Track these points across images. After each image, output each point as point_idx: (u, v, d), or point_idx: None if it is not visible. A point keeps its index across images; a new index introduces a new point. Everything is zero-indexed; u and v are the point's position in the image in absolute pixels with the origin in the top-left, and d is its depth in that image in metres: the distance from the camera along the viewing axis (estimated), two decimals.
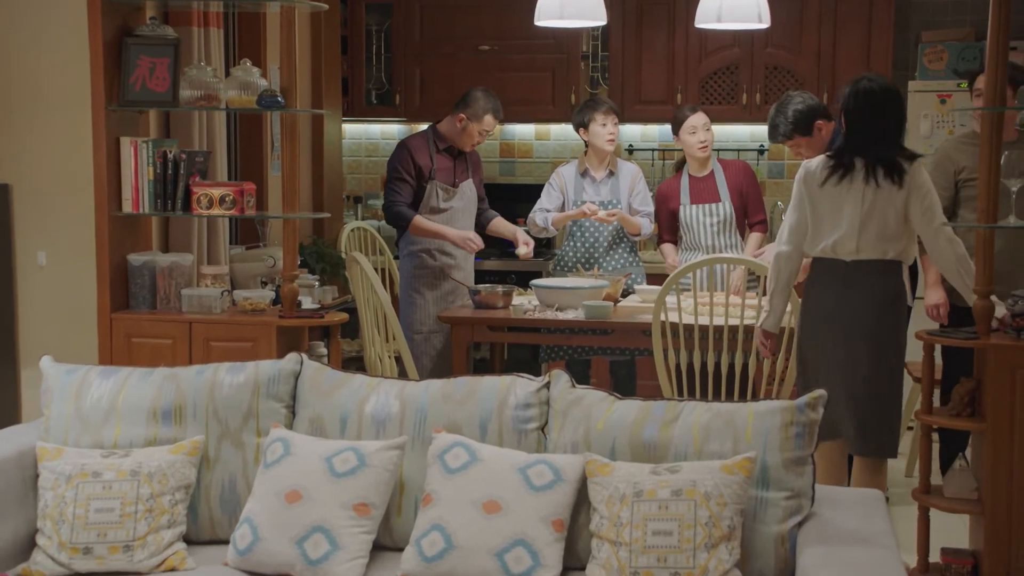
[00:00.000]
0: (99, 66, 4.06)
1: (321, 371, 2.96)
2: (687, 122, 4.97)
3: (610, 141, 5.07)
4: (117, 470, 2.78)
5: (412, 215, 4.94)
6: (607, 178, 5.17)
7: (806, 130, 4.48)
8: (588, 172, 5.18)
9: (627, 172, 5.22)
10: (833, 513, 2.64)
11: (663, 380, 4.27)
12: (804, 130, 4.48)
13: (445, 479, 2.66)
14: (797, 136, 4.49)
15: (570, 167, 5.25)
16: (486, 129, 4.98)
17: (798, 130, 4.48)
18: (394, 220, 5.01)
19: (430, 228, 4.96)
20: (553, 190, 5.19)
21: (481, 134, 4.99)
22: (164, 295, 4.19)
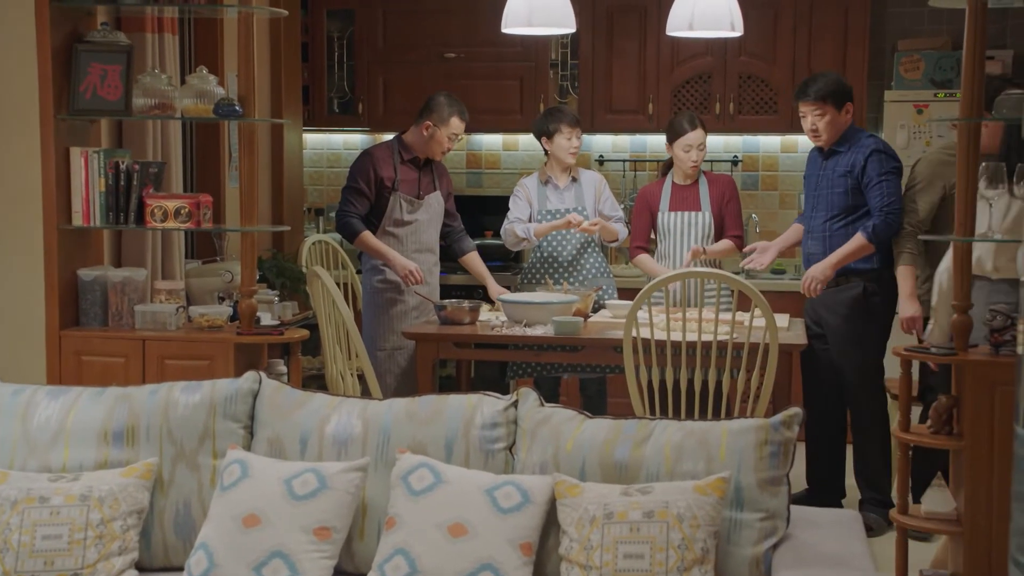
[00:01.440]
0: (47, 73, 4.03)
1: (280, 390, 2.95)
2: (683, 139, 5.00)
3: (573, 154, 5.12)
4: (65, 495, 2.75)
5: (361, 229, 4.94)
6: (571, 184, 5.21)
7: (839, 102, 4.58)
8: (551, 180, 5.21)
9: (589, 179, 5.27)
10: (809, 535, 2.65)
11: (635, 398, 4.28)
12: (838, 102, 4.58)
13: (409, 502, 2.65)
14: (829, 104, 4.57)
15: (531, 178, 5.28)
16: (454, 133, 4.98)
17: (833, 98, 4.57)
18: (342, 230, 5.01)
19: (376, 248, 4.95)
20: (520, 200, 5.21)
21: (450, 139, 5.00)
22: (116, 311, 4.15)
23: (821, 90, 4.57)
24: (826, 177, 4.67)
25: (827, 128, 4.60)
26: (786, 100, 6.21)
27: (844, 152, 4.63)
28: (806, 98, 4.61)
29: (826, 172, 4.68)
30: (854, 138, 4.65)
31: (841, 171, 4.62)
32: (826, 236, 4.66)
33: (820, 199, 4.70)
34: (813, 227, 4.73)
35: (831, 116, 4.58)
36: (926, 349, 3.74)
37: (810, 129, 4.64)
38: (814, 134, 4.66)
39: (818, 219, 4.70)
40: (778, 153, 6.57)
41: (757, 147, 6.60)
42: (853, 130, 4.67)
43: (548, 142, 5.15)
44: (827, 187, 4.66)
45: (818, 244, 4.69)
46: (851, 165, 4.59)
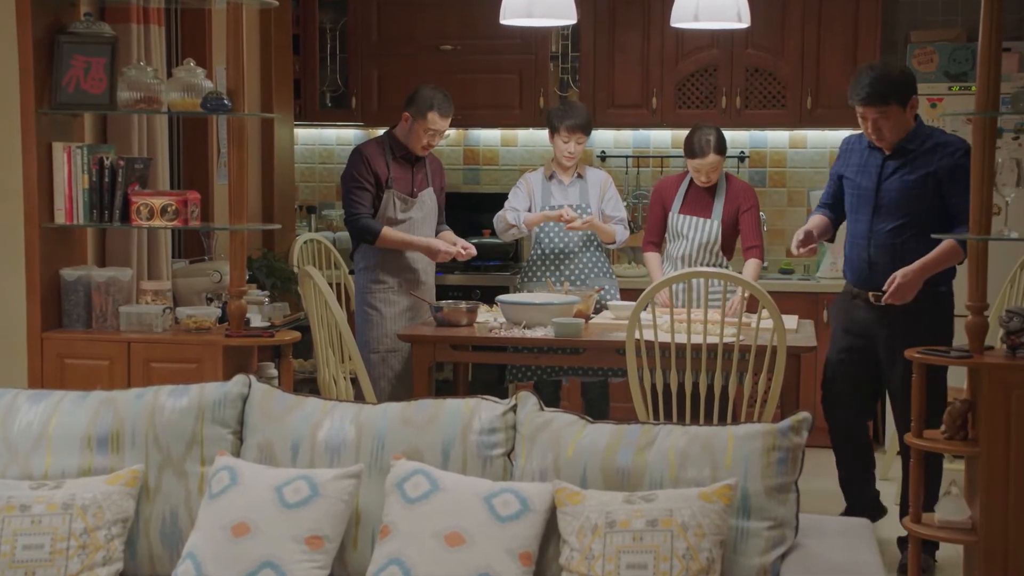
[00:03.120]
0: (29, 66, 4.03)
1: (271, 394, 2.95)
2: (692, 161, 4.99)
3: (568, 158, 5.14)
4: (47, 503, 2.75)
5: (380, 228, 4.93)
6: (575, 181, 5.21)
7: (905, 99, 4.16)
8: (555, 176, 5.22)
9: (596, 177, 5.28)
10: (818, 543, 2.65)
11: (637, 402, 4.28)
12: (903, 98, 4.15)
13: (404, 510, 2.65)
14: (893, 104, 4.13)
15: (537, 173, 5.31)
16: (431, 128, 4.94)
17: (897, 96, 4.13)
18: (360, 234, 4.98)
19: (402, 239, 4.95)
20: (521, 192, 5.23)
21: (427, 133, 4.97)
22: (100, 312, 4.15)
23: (883, 90, 4.11)
24: (895, 178, 4.22)
25: (893, 130, 4.17)
26: (795, 94, 6.22)
27: (916, 151, 4.20)
28: (865, 101, 4.14)
29: (893, 172, 4.23)
30: (923, 133, 4.23)
31: (919, 174, 4.19)
32: (896, 245, 4.22)
33: (887, 203, 4.24)
34: (872, 234, 4.28)
35: (896, 117, 4.15)
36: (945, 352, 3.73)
37: (873, 132, 4.20)
38: (876, 136, 4.21)
39: (882, 226, 4.25)
40: (786, 149, 6.57)
41: (765, 142, 6.60)
42: (920, 124, 4.25)
43: (550, 138, 5.17)
44: (896, 191, 4.21)
45: (885, 255, 4.24)
46: (932, 167, 4.17)
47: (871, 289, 4.25)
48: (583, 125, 5.12)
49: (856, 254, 4.34)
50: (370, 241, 4.96)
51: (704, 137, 4.95)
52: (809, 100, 6.19)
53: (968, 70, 5.93)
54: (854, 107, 4.18)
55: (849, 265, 4.39)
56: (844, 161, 4.43)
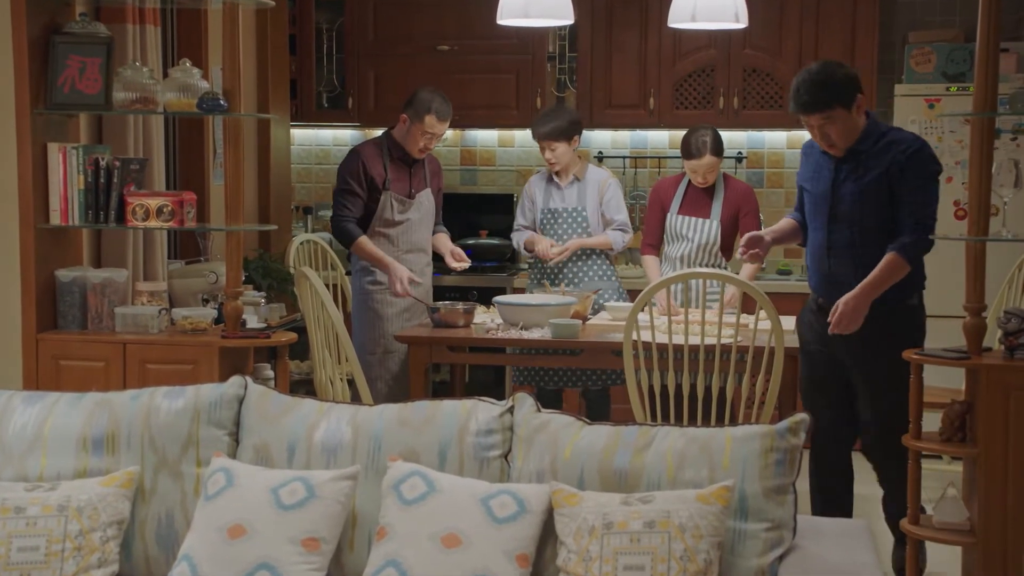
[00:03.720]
0: (24, 66, 4.03)
1: (267, 395, 2.95)
2: (688, 163, 4.99)
3: (550, 165, 5.14)
4: (42, 505, 2.74)
5: (357, 235, 4.93)
6: (573, 183, 5.21)
7: (849, 100, 3.87)
8: (553, 178, 5.22)
9: (595, 178, 5.26)
10: (816, 545, 2.65)
11: (635, 403, 4.29)
12: (847, 100, 3.87)
13: (401, 511, 2.65)
14: (837, 108, 3.86)
15: (540, 174, 5.33)
16: (428, 131, 4.94)
17: (841, 99, 3.86)
18: (339, 236, 5.02)
19: (372, 254, 4.95)
20: (526, 202, 5.28)
21: (424, 137, 4.97)
22: (96, 314, 4.15)
23: (824, 96, 3.85)
24: (848, 183, 3.95)
25: (842, 135, 3.90)
26: None
27: (869, 151, 3.93)
28: (807, 109, 3.88)
29: (846, 177, 3.96)
30: (876, 132, 3.95)
31: (873, 176, 3.90)
32: (856, 256, 3.94)
33: (842, 211, 3.97)
34: (830, 244, 4.01)
35: (843, 120, 3.88)
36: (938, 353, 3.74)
37: (820, 140, 3.96)
38: (825, 144, 3.96)
39: (840, 235, 3.97)
40: (784, 149, 6.58)
41: (762, 143, 6.61)
42: (872, 122, 3.97)
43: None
44: (850, 196, 3.94)
45: (846, 266, 3.97)
46: (885, 167, 3.89)
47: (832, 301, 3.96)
48: (552, 133, 5.08)
49: (817, 266, 4.09)
50: (345, 245, 4.98)
51: (700, 138, 4.94)
52: None
53: (966, 71, 5.93)
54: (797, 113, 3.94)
55: (812, 276, 4.17)
56: (802, 169, 4.18)
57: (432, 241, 5.22)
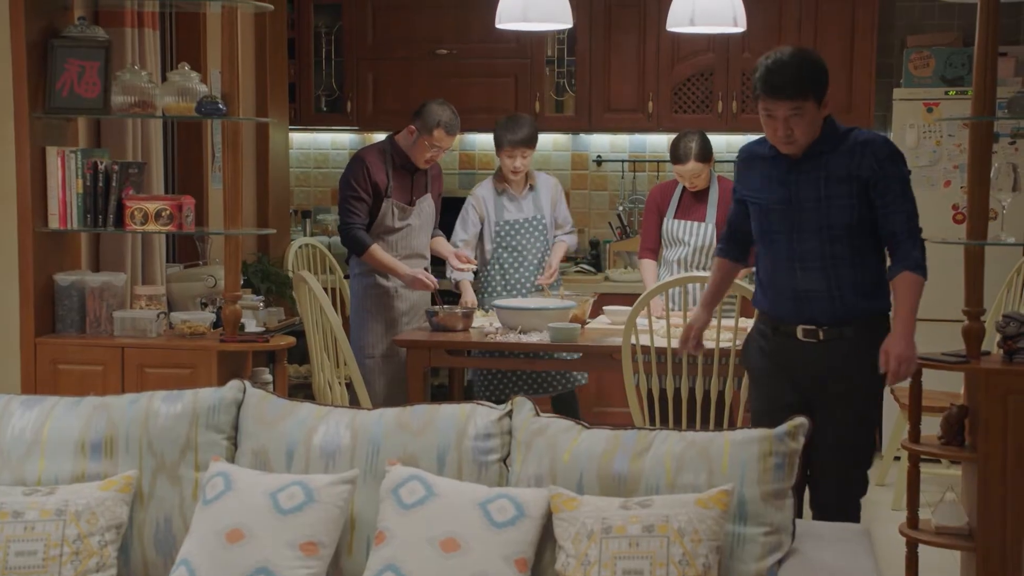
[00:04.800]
0: (22, 69, 4.03)
1: (265, 400, 2.94)
2: (677, 167, 4.99)
3: (514, 173, 5.16)
4: (40, 509, 2.74)
5: (369, 244, 4.93)
6: (528, 192, 5.27)
7: (822, 93, 3.45)
8: (507, 190, 5.23)
9: (546, 184, 5.33)
10: (815, 550, 2.65)
11: (634, 407, 4.29)
12: (820, 92, 3.44)
13: (399, 515, 2.65)
14: (810, 99, 3.42)
15: (485, 186, 5.29)
16: (436, 144, 4.95)
17: (815, 89, 3.42)
18: (350, 245, 4.99)
19: (384, 262, 4.95)
20: (472, 215, 5.25)
21: (431, 149, 4.97)
22: (94, 318, 4.15)
23: (804, 83, 3.41)
24: (808, 188, 3.50)
25: (806, 131, 3.45)
26: None
27: (830, 152, 3.50)
28: (783, 93, 3.41)
29: (807, 180, 3.51)
30: (835, 132, 3.52)
31: (838, 176, 3.48)
32: (828, 267, 3.50)
33: (805, 218, 3.50)
34: (798, 256, 3.52)
35: (811, 115, 3.43)
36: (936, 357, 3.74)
37: (783, 134, 3.45)
38: (786, 139, 3.47)
39: (808, 245, 3.51)
40: None
41: None
42: (830, 122, 3.53)
43: (497, 153, 5.22)
44: (816, 201, 3.49)
45: (817, 278, 3.51)
46: (852, 168, 3.47)
47: (803, 322, 3.53)
48: (527, 140, 5.12)
49: (781, 283, 3.56)
50: (357, 253, 4.97)
51: (687, 144, 4.95)
52: None
53: (964, 74, 5.94)
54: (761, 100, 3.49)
55: (770, 297, 3.61)
56: (744, 179, 3.68)
57: (434, 244, 5.23)
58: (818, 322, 3.50)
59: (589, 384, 6.18)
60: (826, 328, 3.49)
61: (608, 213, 6.75)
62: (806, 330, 3.51)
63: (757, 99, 3.49)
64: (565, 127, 6.60)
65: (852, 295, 3.47)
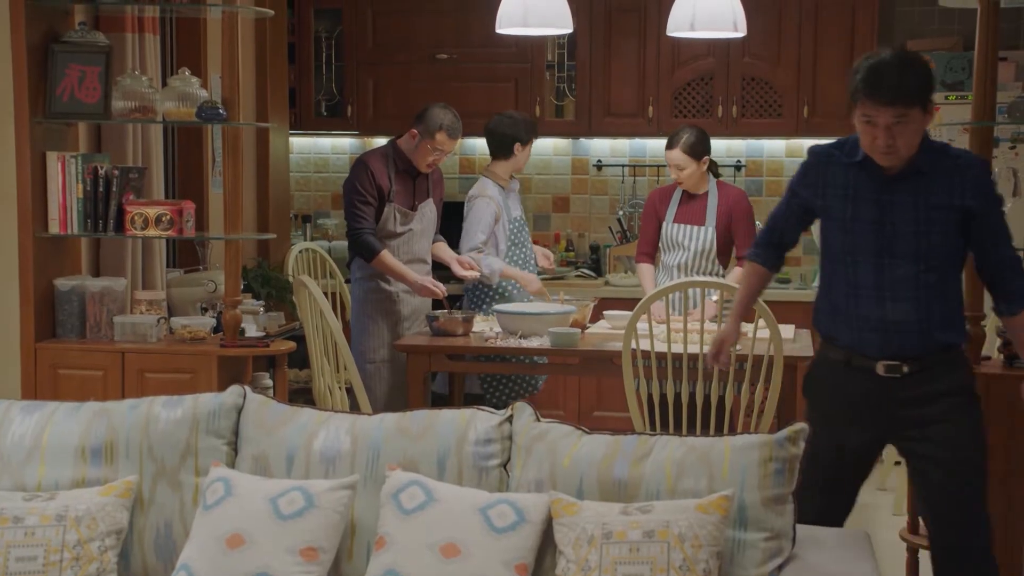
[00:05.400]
0: (23, 74, 4.04)
1: (266, 405, 2.95)
2: (666, 153, 4.99)
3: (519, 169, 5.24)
4: (40, 514, 2.74)
5: (379, 249, 4.92)
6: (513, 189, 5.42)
7: (928, 101, 3.10)
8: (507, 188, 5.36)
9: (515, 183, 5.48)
10: (816, 555, 2.65)
11: (634, 412, 4.29)
12: (927, 99, 3.09)
13: (400, 521, 2.65)
14: (916, 107, 3.05)
15: (492, 186, 5.28)
16: (439, 148, 4.95)
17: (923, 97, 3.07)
18: (360, 250, 4.98)
19: (394, 268, 4.94)
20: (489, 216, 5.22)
21: (433, 152, 4.98)
22: (94, 323, 4.15)
23: (912, 87, 3.04)
24: (906, 209, 3.14)
25: (909, 142, 3.08)
26: (791, 103, 6.23)
27: (931, 171, 3.14)
28: (890, 98, 3.03)
29: (904, 201, 3.14)
30: (932, 147, 3.18)
31: (938, 202, 3.12)
32: (920, 298, 3.15)
33: (900, 242, 3.14)
34: (888, 283, 3.16)
35: (916, 124, 3.07)
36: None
37: (884, 144, 3.06)
38: (887, 149, 3.07)
39: (901, 272, 3.14)
40: (783, 158, 6.59)
41: (761, 151, 6.61)
42: (927, 137, 3.18)
43: (522, 148, 5.26)
44: (913, 223, 3.13)
45: (906, 310, 3.15)
46: (955, 195, 3.12)
47: (887, 357, 3.18)
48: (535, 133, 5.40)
49: (864, 312, 3.20)
50: (367, 259, 4.96)
51: (681, 133, 4.95)
52: (806, 109, 6.21)
53: (964, 79, 5.95)
54: (860, 105, 3.07)
55: (847, 324, 3.24)
56: (814, 185, 3.29)
57: (435, 249, 5.23)
58: (905, 356, 3.16)
59: (589, 389, 6.20)
60: (912, 362, 3.16)
61: (608, 218, 6.75)
62: (889, 365, 3.17)
63: (855, 102, 3.08)
64: (565, 131, 6.60)
65: (939, 328, 3.17)
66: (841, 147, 3.26)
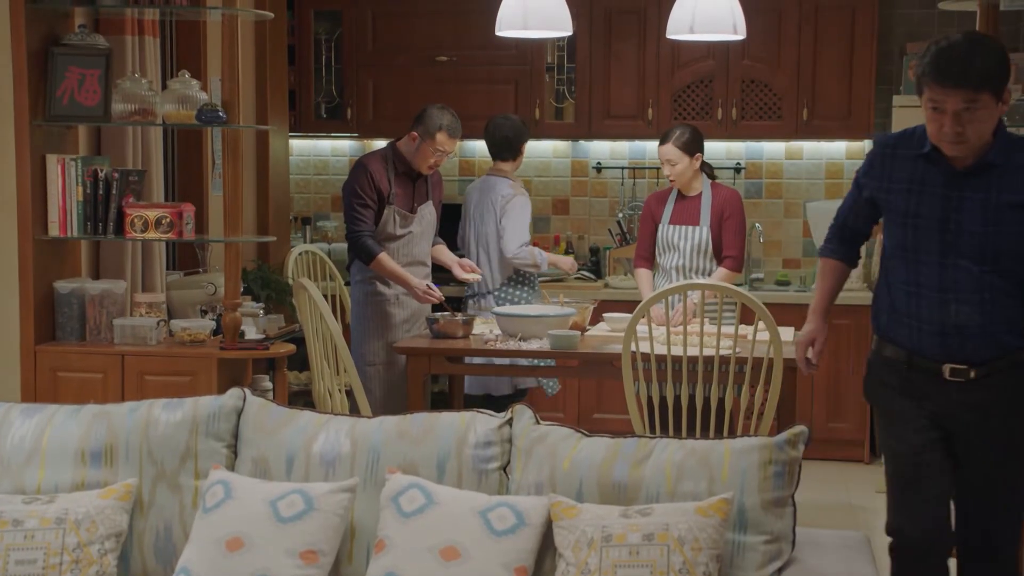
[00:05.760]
0: (23, 77, 4.04)
1: (266, 407, 2.95)
2: (659, 148, 4.99)
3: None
4: (40, 517, 2.74)
5: (378, 252, 4.92)
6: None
7: (1001, 85, 2.88)
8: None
9: None
10: (815, 558, 2.65)
11: (634, 415, 4.29)
12: (1000, 85, 2.88)
13: (399, 524, 2.65)
14: (987, 91, 2.85)
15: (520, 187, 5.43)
16: (439, 149, 4.95)
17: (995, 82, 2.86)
18: (359, 253, 4.98)
19: (393, 271, 4.95)
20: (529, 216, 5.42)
21: (435, 153, 4.98)
22: (94, 325, 4.15)
23: (984, 70, 2.84)
24: (974, 205, 2.94)
25: (979, 133, 2.88)
26: (790, 105, 6.23)
27: (1004, 164, 2.93)
28: (951, 82, 2.85)
29: (972, 198, 2.94)
30: (1007, 140, 2.98)
31: (1011, 200, 2.91)
32: (985, 301, 2.95)
33: (966, 242, 2.95)
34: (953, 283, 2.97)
35: (987, 111, 2.85)
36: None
37: (951, 132, 2.88)
38: (956, 137, 2.89)
39: (964, 273, 2.96)
40: (782, 160, 6.59)
41: (761, 154, 6.61)
42: (1002, 127, 2.98)
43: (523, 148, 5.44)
44: (982, 223, 2.93)
45: (974, 314, 2.96)
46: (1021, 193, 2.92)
47: (952, 361, 3.00)
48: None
49: (926, 315, 3.01)
50: (365, 261, 4.97)
51: (674, 129, 4.96)
52: (805, 111, 6.21)
53: None
54: (928, 90, 2.90)
55: (908, 326, 3.05)
56: (879, 177, 3.12)
57: (435, 252, 5.24)
58: (970, 361, 2.98)
59: (589, 391, 6.19)
60: (979, 367, 2.98)
61: (608, 220, 6.75)
62: (955, 369, 3.00)
63: (922, 87, 2.90)
64: (565, 134, 6.60)
65: (1007, 332, 2.97)
66: (908, 137, 3.09)
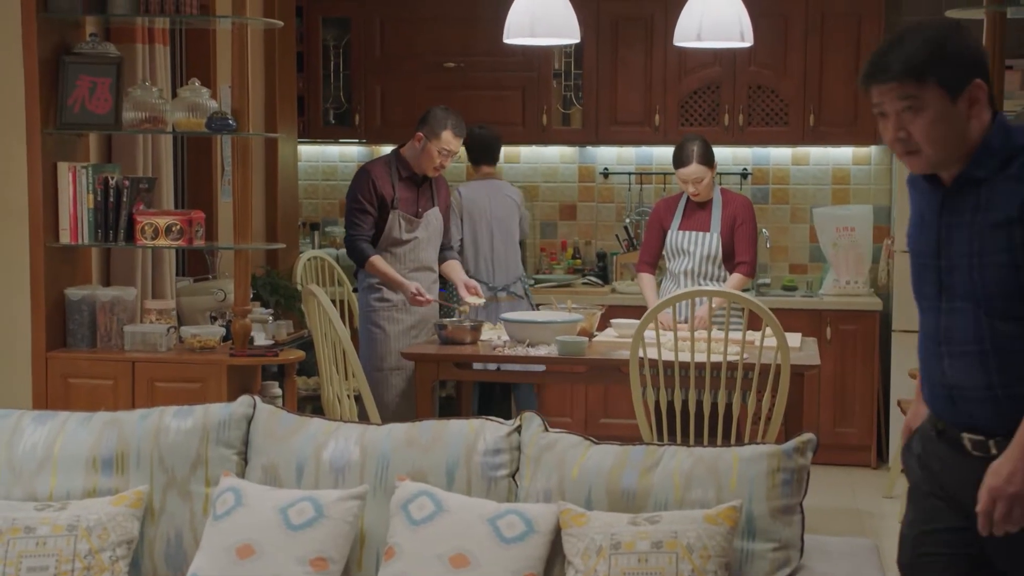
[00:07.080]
0: (34, 86, 4.05)
1: (275, 415, 2.95)
2: (680, 171, 4.97)
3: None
4: (52, 524, 2.75)
5: (371, 254, 4.93)
6: None
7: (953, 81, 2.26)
8: None
9: None
10: (823, 565, 2.65)
11: (642, 421, 4.28)
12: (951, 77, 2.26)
13: (409, 531, 2.65)
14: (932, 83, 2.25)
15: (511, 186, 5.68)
16: (445, 148, 4.95)
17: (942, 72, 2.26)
18: (353, 255, 5.01)
19: (386, 273, 4.96)
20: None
21: (441, 154, 4.98)
22: (105, 332, 4.16)
23: (909, 59, 2.25)
24: (960, 231, 2.32)
25: (931, 134, 2.28)
26: (797, 111, 6.23)
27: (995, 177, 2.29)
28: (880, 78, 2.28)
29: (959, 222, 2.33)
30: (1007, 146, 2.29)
31: (993, 216, 2.28)
32: (987, 352, 2.29)
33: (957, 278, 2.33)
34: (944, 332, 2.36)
35: (936, 110, 2.26)
36: None
37: (894, 137, 2.32)
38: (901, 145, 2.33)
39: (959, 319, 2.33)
40: (789, 166, 6.58)
41: (767, 159, 6.61)
42: (1002, 130, 2.31)
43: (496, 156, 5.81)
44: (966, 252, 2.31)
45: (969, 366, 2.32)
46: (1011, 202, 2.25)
47: (966, 429, 2.35)
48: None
49: (928, 370, 2.44)
50: (359, 264, 4.99)
51: (689, 147, 4.94)
52: (811, 117, 6.20)
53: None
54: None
55: (926, 387, 2.46)
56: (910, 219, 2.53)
57: (443, 268, 5.23)
58: (983, 430, 2.32)
59: (596, 396, 6.19)
60: (998, 439, 2.29)
61: (615, 225, 6.75)
62: (974, 441, 2.33)
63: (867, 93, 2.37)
64: (572, 140, 6.60)
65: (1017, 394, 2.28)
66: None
